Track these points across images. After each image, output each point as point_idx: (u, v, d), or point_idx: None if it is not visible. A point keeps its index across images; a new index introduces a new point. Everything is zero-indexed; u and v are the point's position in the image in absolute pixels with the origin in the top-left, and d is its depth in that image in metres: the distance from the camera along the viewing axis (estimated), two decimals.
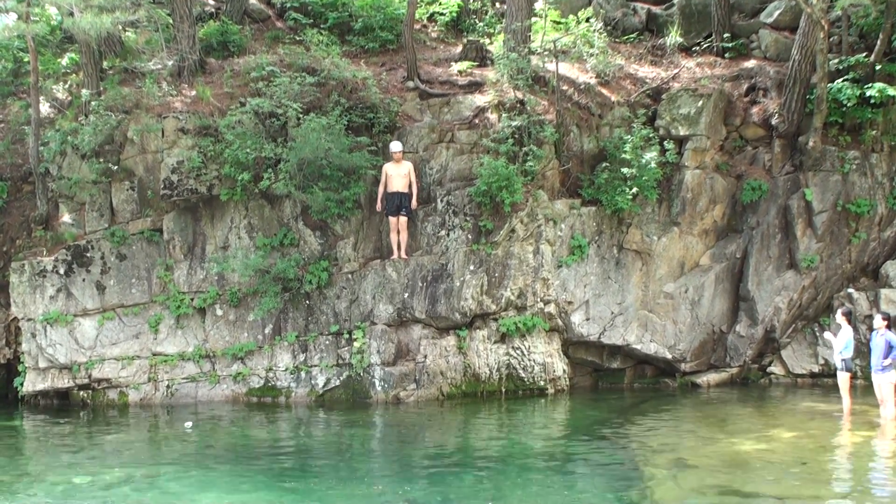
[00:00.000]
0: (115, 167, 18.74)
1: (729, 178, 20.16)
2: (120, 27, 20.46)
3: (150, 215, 18.87)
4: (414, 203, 18.31)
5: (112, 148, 18.94)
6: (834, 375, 16.31)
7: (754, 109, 20.65)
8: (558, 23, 21.98)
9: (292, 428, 16.00)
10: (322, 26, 22.45)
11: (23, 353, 18.59)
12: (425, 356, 18.03)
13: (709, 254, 20.04)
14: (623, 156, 18.90)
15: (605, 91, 20.50)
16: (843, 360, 15.43)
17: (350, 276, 18.45)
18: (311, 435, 15.29)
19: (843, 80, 19.79)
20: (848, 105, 19.55)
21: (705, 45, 22.31)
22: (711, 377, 19.64)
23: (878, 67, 19.85)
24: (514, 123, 18.74)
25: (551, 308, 18.79)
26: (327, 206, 18.12)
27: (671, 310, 19.60)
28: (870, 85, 19.35)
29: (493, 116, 19.28)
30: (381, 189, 18.31)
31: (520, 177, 18.16)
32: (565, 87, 20.12)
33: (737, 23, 22.71)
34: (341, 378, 18.08)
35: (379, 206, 18.44)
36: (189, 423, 15.77)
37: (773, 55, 21.79)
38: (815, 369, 19.62)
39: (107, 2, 18.44)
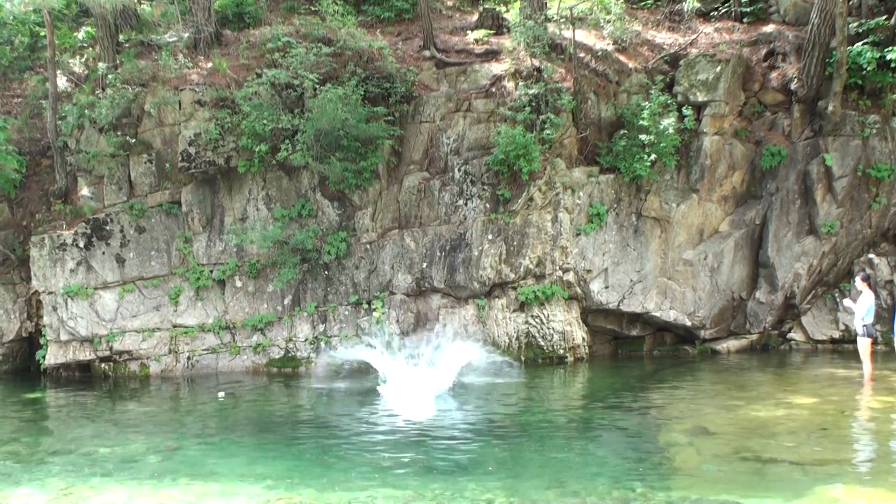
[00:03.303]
0: (133, 140, 18.82)
1: (748, 144, 20.02)
2: (135, 0, 20.44)
3: (168, 188, 18.93)
4: None
5: (129, 121, 19.01)
6: (854, 341, 16.27)
7: (773, 74, 20.46)
8: None
9: (312, 398, 16.08)
10: None
11: (44, 326, 18.79)
12: (444, 325, 18.06)
13: (728, 220, 19.94)
14: (641, 123, 18.80)
15: (622, 58, 20.35)
16: (864, 325, 15.35)
17: (368, 246, 18.48)
18: (330, 405, 15.35)
19: (862, 44, 19.58)
20: (868, 69, 19.37)
21: (723, 10, 22.13)
22: (731, 344, 19.62)
23: None
24: (531, 91, 18.66)
25: (570, 276, 18.76)
26: (345, 176, 18.14)
27: (690, 277, 19.55)
28: (890, 48, 19.15)
29: (509, 85, 19.19)
30: None
31: (537, 145, 18.11)
32: (582, 55, 19.98)
33: None
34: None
35: None
36: (222, 393, 15.91)
37: (793, 19, 21.56)
38: (836, 335, 19.56)
39: None
